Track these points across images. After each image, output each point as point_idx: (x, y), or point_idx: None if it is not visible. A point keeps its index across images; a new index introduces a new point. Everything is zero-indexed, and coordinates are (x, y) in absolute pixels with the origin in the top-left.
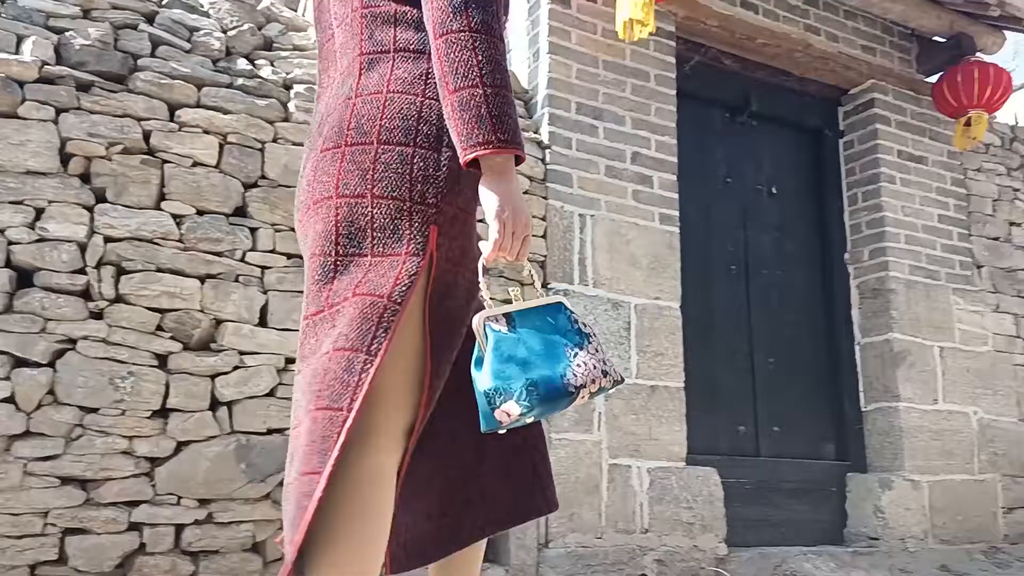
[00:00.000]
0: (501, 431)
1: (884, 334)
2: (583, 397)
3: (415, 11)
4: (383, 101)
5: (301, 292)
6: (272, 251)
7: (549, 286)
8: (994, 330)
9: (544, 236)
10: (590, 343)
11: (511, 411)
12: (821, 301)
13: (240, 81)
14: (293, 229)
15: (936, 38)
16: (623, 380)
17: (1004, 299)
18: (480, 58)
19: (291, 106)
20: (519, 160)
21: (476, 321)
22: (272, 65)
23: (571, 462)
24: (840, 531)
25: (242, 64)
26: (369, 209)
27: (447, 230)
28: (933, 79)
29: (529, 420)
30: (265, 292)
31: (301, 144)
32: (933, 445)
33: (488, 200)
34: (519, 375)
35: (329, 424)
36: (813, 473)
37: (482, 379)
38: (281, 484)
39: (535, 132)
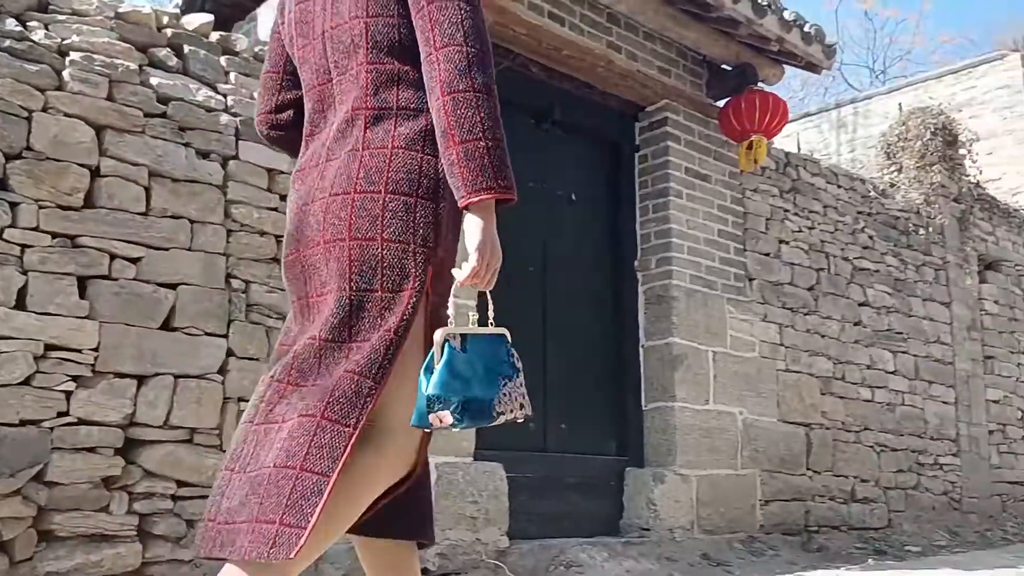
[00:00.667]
0: (429, 430)
1: (665, 338)
2: (501, 421)
3: (415, 71)
4: (389, 156)
5: (67, 274)
6: (35, 229)
7: None
8: (761, 337)
9: None
10: (517, 377)
11: (444, 419)
12: (612, 305)
13: (8, 43)
14: (61, 207)
15: (725, 66)
16: (531, 413)
17: (771, 310)
18: (482, 115)
19: (66, 75)
20: (508, 201)
21: (438, 335)
22: (46, 29)
23: None
24: (617, 523)
25: (11, 25)
26: (379, 251)
27: (438, 271)
28: (721, 103)
29: (456, 430)
30: (25, 273)
31: (76, 116)
32: (703, 442)
33: (472, 234)
34: (459, 392)
35: (337, 437)
36: (596, 468)
37: (429, 385)
38: (34, 479)
39: None
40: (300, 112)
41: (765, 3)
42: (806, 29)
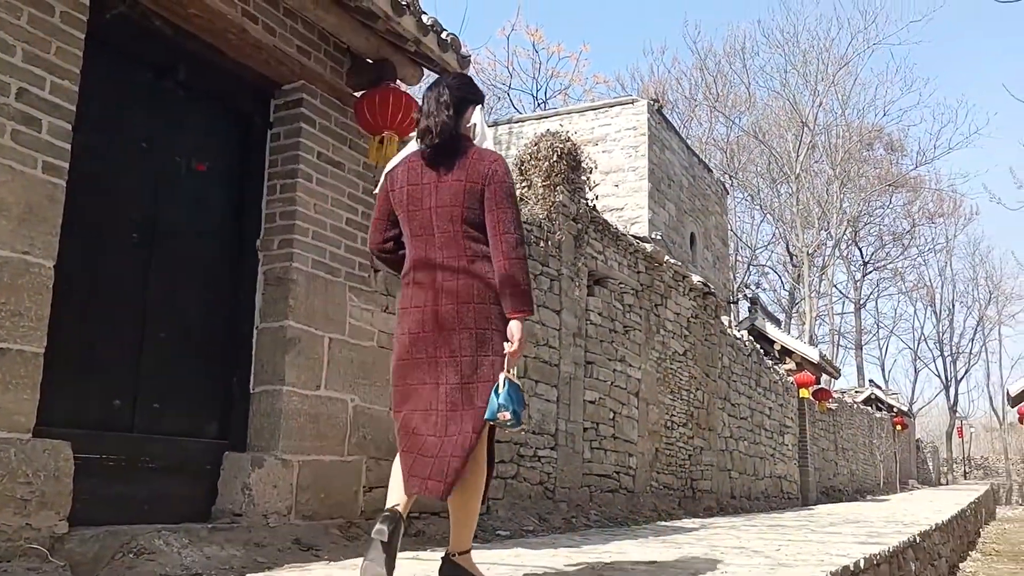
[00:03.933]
0: (493, 423)
1: (280, 321)
2: (520, 427)
3: (483, 235)
4: (484, 281)
5: None
6: None
7: None
8: (380, 328)
9: None
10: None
11: (505, 417)
12: (229, 283)
13: None
14: None
15: (368, 59)
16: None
17: (393, 302)
18: (525, 272)
19: None
20: (530, 314)
21: (502, 376)
22: None
23: None
24: (209, 509)
25: None
26: (489, 334)
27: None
28: (361, 95)
29: (508, 426)
30: None
31: None
32: (309, 428)
33: (515, 329)
34: (511, 405)
35: (484, 442)
36: (190, 451)
37: (500, 397)
38: None
39: None
40: (398, 242)
41: (405, 2)
42: (443, 36)
